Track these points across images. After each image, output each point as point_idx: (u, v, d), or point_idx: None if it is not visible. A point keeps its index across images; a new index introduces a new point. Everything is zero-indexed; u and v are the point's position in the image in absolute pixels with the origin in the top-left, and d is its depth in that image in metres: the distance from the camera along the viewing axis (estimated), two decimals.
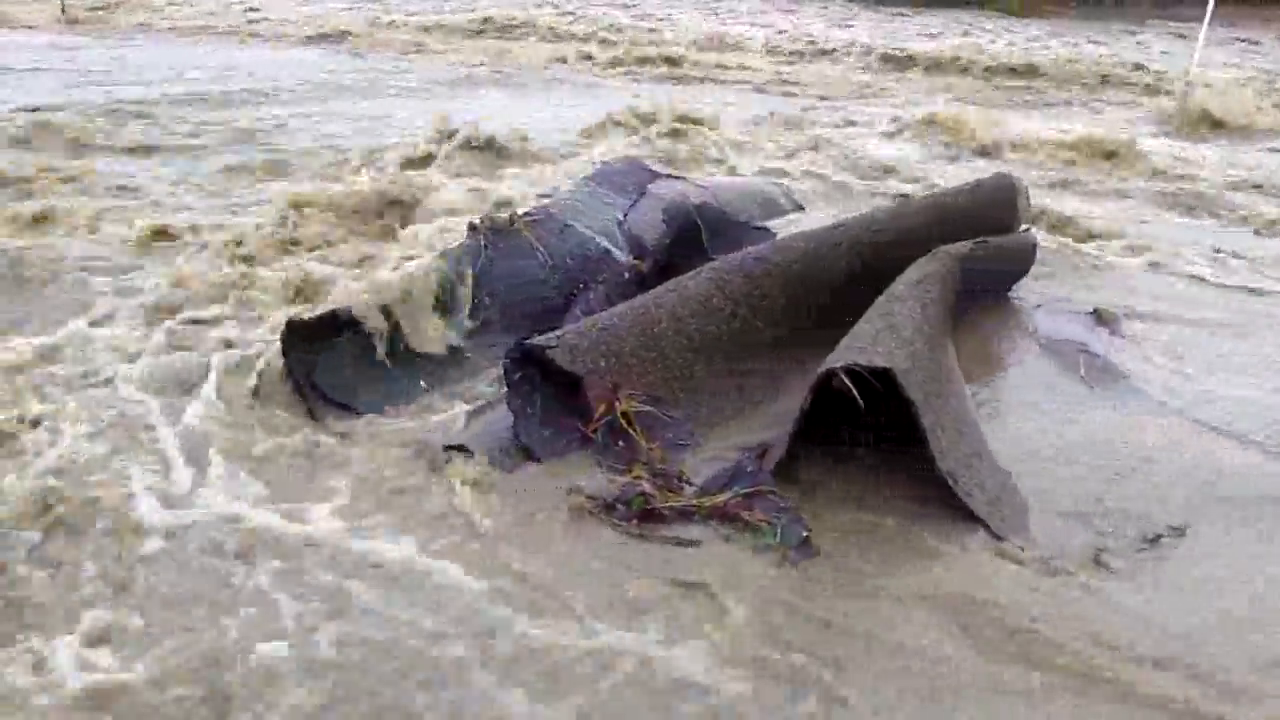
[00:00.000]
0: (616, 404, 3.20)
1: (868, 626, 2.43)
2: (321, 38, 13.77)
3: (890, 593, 2.54)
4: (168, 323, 3.95)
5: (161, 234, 5.02)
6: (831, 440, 3.12)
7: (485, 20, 15.16)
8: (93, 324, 3.99)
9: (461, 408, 3.44)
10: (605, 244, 4.10)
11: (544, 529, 2.80)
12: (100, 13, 17.24)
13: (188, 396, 3.41)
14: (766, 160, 7.02)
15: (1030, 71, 12.15)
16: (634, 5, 18.27)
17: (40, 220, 5.25)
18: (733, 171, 6.50)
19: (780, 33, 15.27)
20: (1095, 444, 3.30)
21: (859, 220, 4.41)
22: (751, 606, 2.48)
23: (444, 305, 3.72)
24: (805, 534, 2.74)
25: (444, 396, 3.50)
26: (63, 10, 16.57)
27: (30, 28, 15.47)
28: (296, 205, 5.01)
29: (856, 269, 4.01)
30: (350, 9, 17.52)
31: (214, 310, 4.08)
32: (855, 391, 2.87)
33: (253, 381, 3.41)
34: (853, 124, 8.72)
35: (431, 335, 3.67)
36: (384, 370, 3.49)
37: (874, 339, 3.11)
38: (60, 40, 14.13)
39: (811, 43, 14.12)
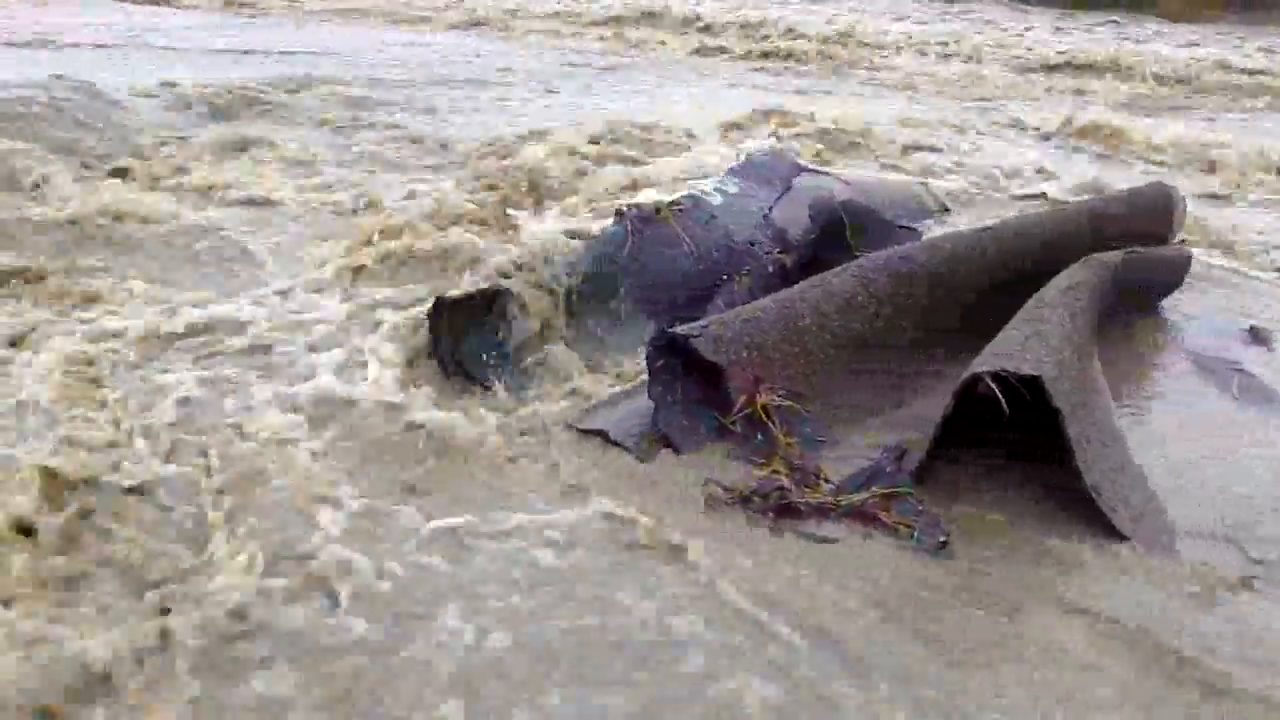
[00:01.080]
0: (757, 397, 3.23)
1: (1009, 636, 2.40)
2: (465, 24, 14.03)
3: (1031, 603, 2.51)
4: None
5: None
6: (972, 445, 3.08)
7: (623, 9, 15.27)
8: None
9: (599, 391, 3.51)
10: (750, 236, 4.12)
11: (681, 518, 2.84)
12: None
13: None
14: (910, 159, 6.95)
15: (1187, 77, 11.73)
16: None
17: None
18: (878, 169, 6.45)
19: (921, 27, 15.03)
20: (1247, 467, 3.20)
21: (1008, 224, 4.34)
22: (887, 608, 2.48)
23: (588, 289, 3.78)
24: (944, 539, 2.72)
25: (585, 376, 3.57)
26: None
27: (193, 8, 16.14)
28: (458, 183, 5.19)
29: (1003, 273, 3.95)
30: None
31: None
32: (1002, 398, 2.84)
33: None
34: (1001, 126, 8.55)
35: (573, 317, 3.75)
36: (521, 347, 3.57)
37: (1021, 345, 3.07)
38: (225, 21, 14.73)
39: (956, 42, 13.87)
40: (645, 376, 3.31)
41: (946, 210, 5.64)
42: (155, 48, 11.48)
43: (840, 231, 4.42)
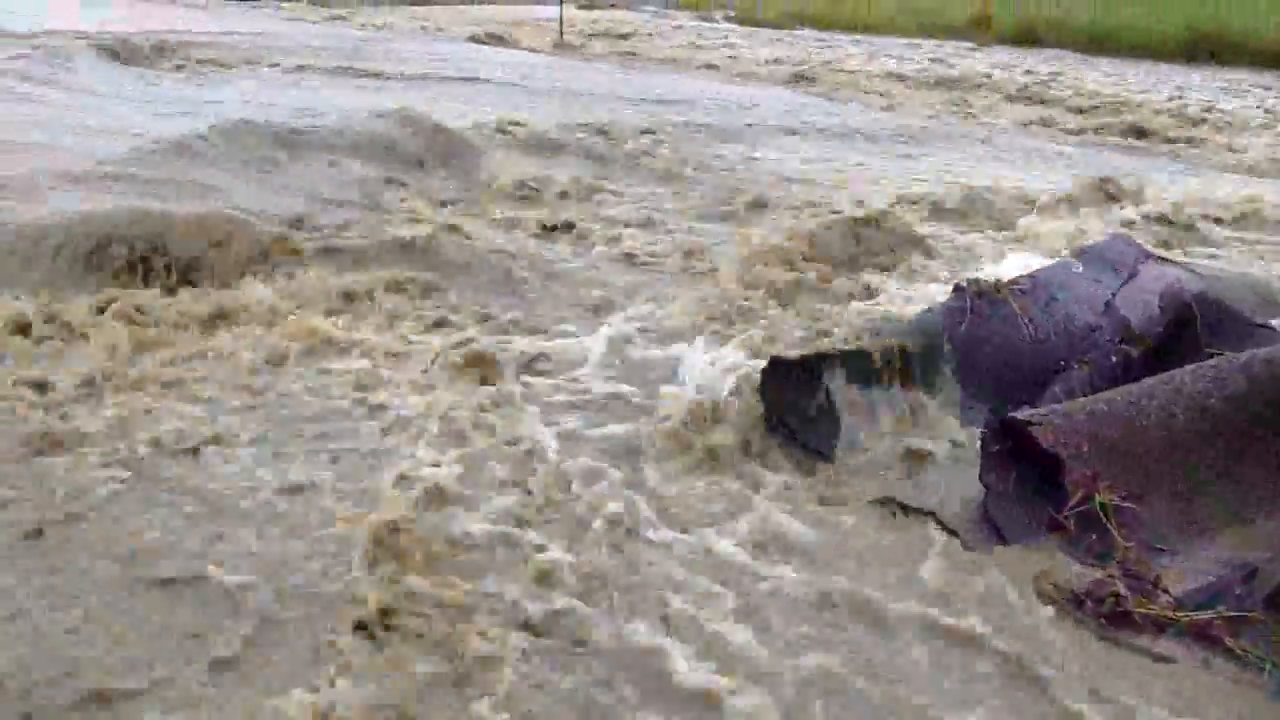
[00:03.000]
0: (1095, 493, 3.08)
1: None
2: (790, 78, 14.21)
3: None
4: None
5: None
6: None
7: (956, 73, 15.05)
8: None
9: (923, 466, 3.45)
10: (1091, 322, 3.95)
11: (1006, 612, 2.74)
12: (589, 40, 18.85)
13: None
14: (1264, 253, 6.46)
15: None
16: (1107, 75, 17.41)
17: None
18: (1233, 259, 6.04)
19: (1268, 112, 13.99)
20: None
21: None
22: None
23: (918, 361, 3.73)
24: None
25: (908, 451, 3.52)
26: (560, 36, 18.27)
27: (532, 50, 17.19)
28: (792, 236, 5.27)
29: None
30: (814, 54, 17.98)
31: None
32: None
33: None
34: None
35: (900, 389, 3.70)
36: (851, 414, 3.56)
37: None
38: (554, 62, 15.60)
39: None
40: (978, 460, 3.23)
41: None
42: (495, 83, 12.28)
43: (1191, 326, 4.15)
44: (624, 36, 19.49)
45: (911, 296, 4.54)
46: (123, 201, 5.21)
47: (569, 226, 6.04)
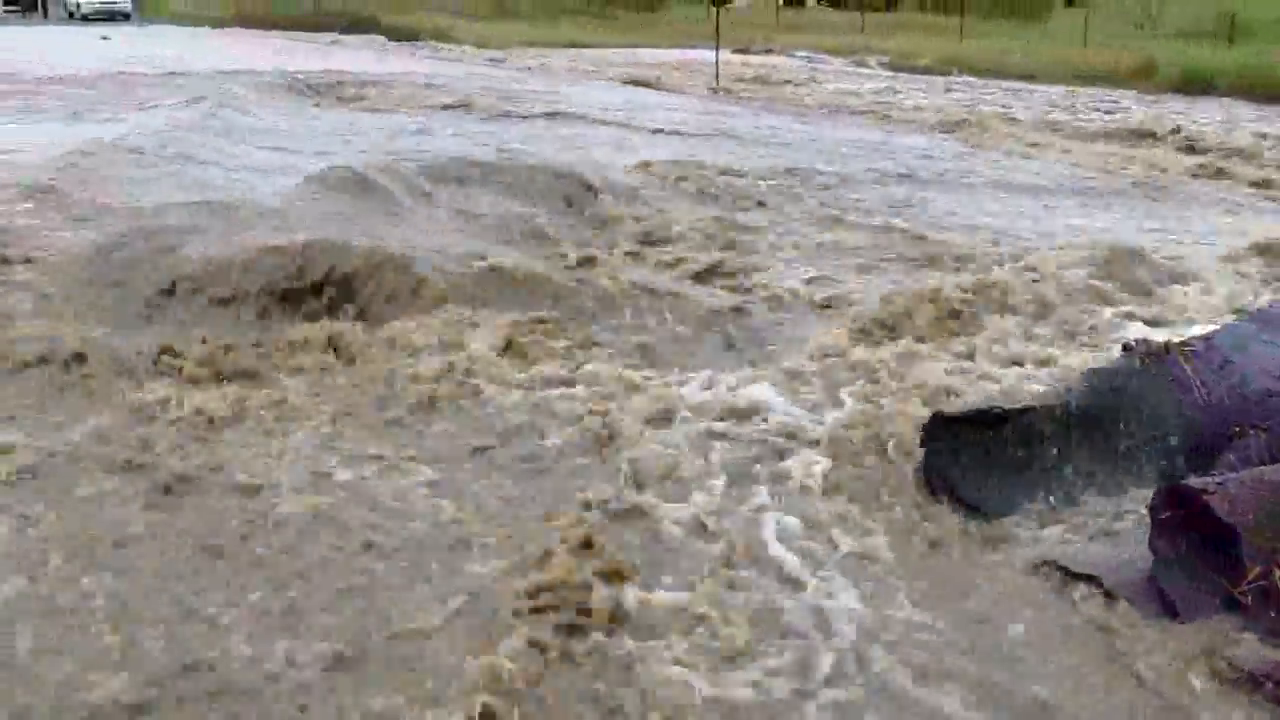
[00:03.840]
0: (1274, 568, 2.94)
1: None
2: (949, 126, 14.02)
3: None
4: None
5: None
6: None
7: (1119, 125, 14.61)
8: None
9: (1084, 528, 3.36)
10: (1268, 387, 3.78)
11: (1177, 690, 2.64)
12: (744, 85, 18.97)
13: None
14: None
15: None
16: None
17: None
18: None
19: None
20: None
21: None
22: None
23: (1083, 422, 3.64)
24: None
25: (1071, 513, 3.43)
26: (716, 81, 18.44)
27: (684, 93, 17.38)
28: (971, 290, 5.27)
29: None
30: (974, 101, 17.71)
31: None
32: None
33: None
34: None
35: (1062, 449, 3.61)
36: (1016, 473, 3.49)
37: None
38: (710, 106, 15.74)
39: None
40: (1146, 526, 3.12)
41: None
42: (651, 127, 12.46)
43: None
44: (779, 83, 19.54)
45: (1076, 358, 4.43)
46: (295, 236, 5.49)
47: (729, 273, 6.10)
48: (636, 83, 18.71)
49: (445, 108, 13.73)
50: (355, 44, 29.25)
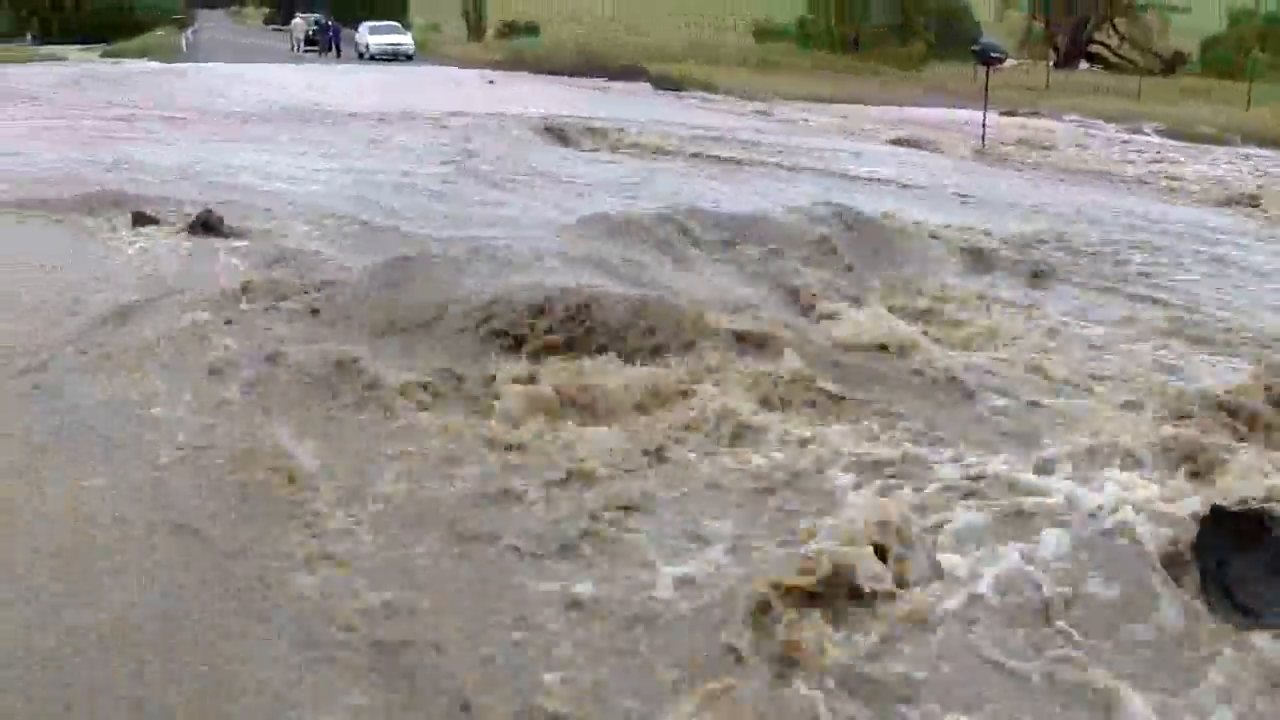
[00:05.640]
0: None
1: None
2: (1231, 200, 13.43)
3: None
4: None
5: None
6: None
7: None
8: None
9: None
10: None
11: None
12: (1012, 148, 18.65)
13: None
14: None
15: None
16: None
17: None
18: None
19: None
20: None
21: None
22: None
23: None
24: None
25: None
26: (983, 143, 18.21)
27: (953, 155, 17.28)
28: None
29: None
30: (1261, 174, 16.85)
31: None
32: None
33: None
34: None
35: None
36: None
37: None
38: (977, 168, 15.63)
39: None
40: None
41: None
42: (919, 187, 12.51)
43: None
44: (1047, 147, 19.13)
45: None
46: (554, 279, 5.91)
47: (1006, 344, 6.18)
48: (905, 142, 18.66)
49: (706, 157, 14.37)
50: (622, 90, 30.23)
